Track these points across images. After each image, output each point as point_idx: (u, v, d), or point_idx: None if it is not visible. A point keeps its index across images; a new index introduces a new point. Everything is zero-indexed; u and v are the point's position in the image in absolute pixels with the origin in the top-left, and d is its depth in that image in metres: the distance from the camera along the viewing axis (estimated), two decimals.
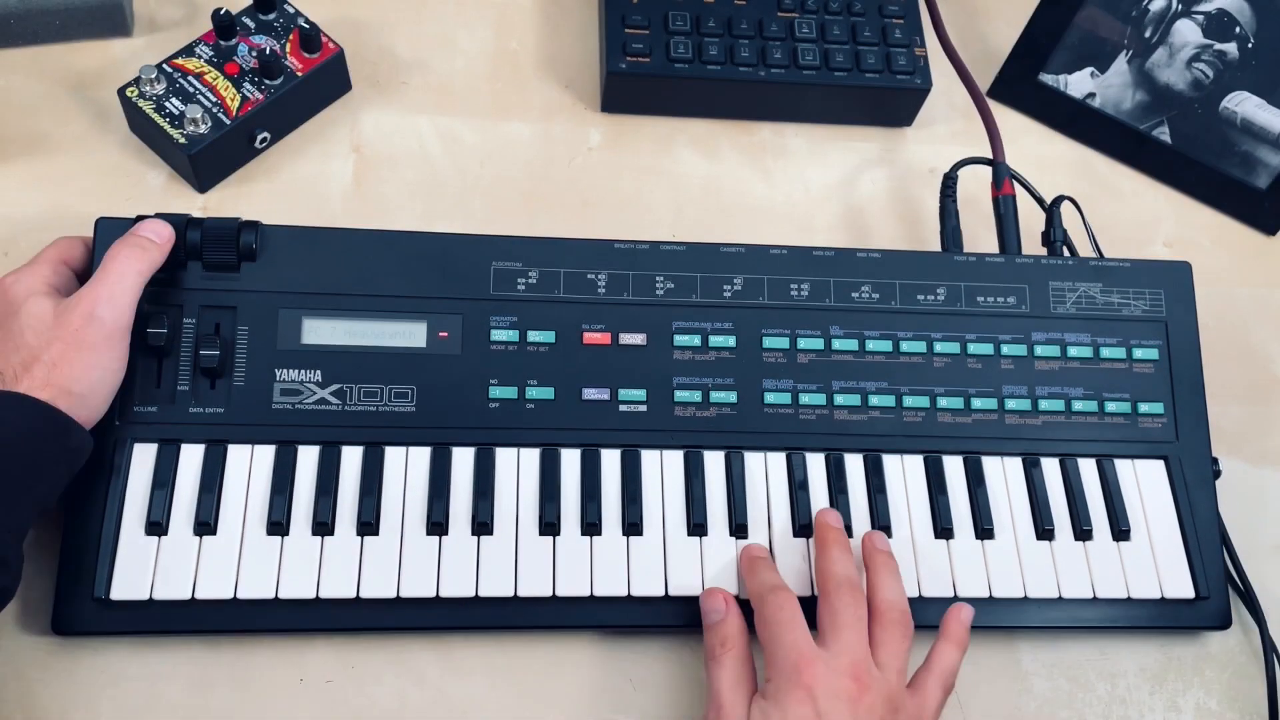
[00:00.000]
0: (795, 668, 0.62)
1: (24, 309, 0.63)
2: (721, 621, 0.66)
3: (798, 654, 0.62)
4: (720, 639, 0.65)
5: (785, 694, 0.61)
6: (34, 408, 0.60)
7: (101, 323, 0.63)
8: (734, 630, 0.66)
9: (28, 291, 0.64)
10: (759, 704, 0.62)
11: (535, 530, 0.69)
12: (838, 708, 0.60)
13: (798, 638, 0.63)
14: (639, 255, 0.75)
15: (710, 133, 0.90)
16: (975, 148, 0.87)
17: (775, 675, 0.62)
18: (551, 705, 0.68)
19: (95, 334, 0.63)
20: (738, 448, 0.72)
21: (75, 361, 0.62)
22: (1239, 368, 0.86)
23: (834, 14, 0.90)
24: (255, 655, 0.67)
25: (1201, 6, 0.87)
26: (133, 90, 0.78)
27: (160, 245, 0.68)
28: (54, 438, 0.61)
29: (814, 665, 0.62)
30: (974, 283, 0.77)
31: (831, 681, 0.61)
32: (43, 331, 0.63)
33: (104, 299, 0.64)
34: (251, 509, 0.67)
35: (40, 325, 0.63)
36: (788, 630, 0.63)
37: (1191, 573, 0.73)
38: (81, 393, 0.62)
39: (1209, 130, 0.91)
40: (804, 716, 0.60)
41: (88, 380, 0.63)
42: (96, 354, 0.63)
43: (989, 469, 0.74)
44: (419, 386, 0.71)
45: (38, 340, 0.62)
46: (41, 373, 0.61)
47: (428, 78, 0.88)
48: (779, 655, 0.63)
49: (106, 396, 0.65)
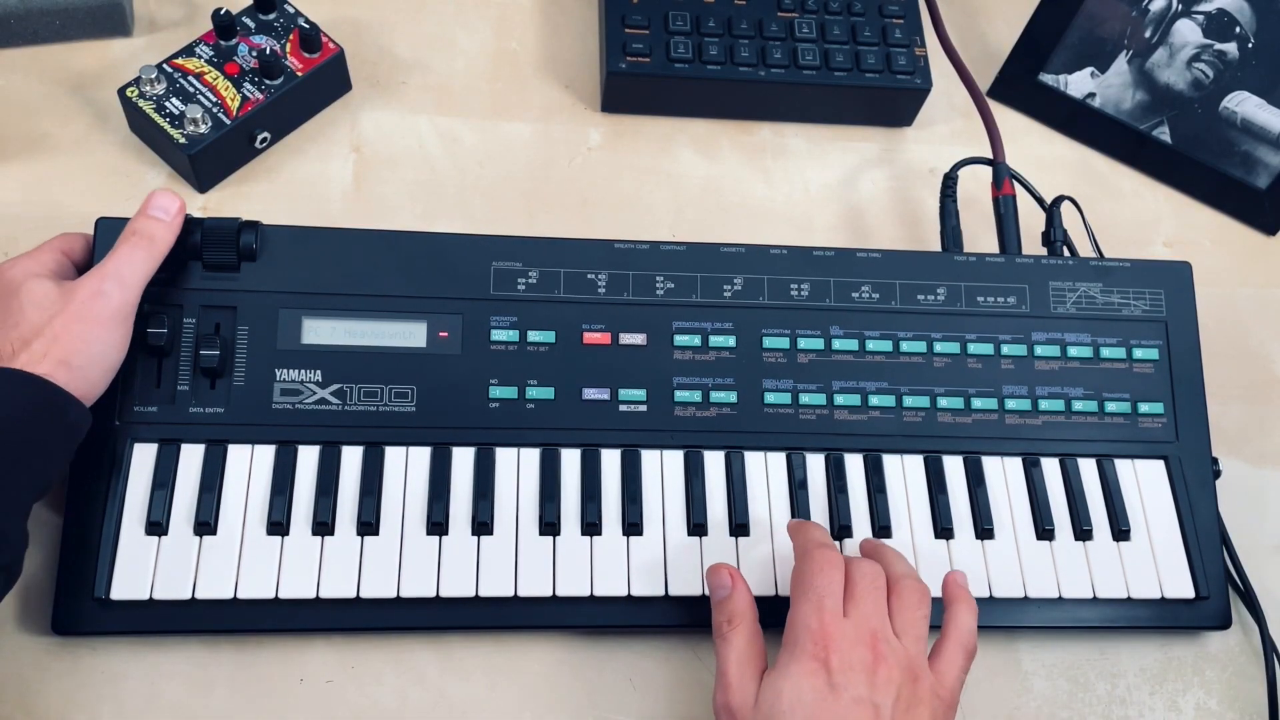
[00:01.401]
0: (813, 637, 0.60)
1: (24, 288, 0.63)
2: (728, 597, 0.64)
3: (819, 622, 0.60)
4: (727, 615, 0.64)
5: (798, 664, 0.59)
6: (30, 383, 0.60)
7: (108, 298, 0.64)
8: (741, 606, 0.64)
9: (26, 274, 0.64)
10: (769, 680, 0.60)
11: (535, 530, 0.69)
12: (854, 678, 0.58)
13: (825, 604, 0.61)
14: (639, 255, 0.75)
15: (710, 133, 0.90)
16: (975, 148, 0.87)
17: (790, 642, 0.61)
18: (551, 705, 0.68)
19: (101, 308, 0.63)
20: (738, 448, 0.72)
21: (77, 334, 0.62)
22: (1239, 368, 0.86)
23: (834, 14, 0.90)
24: (255, 655, 0.67)
25: (1201, 6, 0.87)
26: (133, 90, 0.78)
27: (169, 224, 0.67)
28: (51, 413, 0.60)
29: (832, 635, 0.59)
30: (974, 283, 0.77)
31: (847, 651, 0.59)
32: (46, 306, 0.62)
33: (112, 276, 0.64)
34: (251, 509, 0.67)
35: (45, 300, 0.63)
36: (820, 594, 0.61)
37: (1191, 573, 0.73)
38: (81, 365, 0.62)
39: (1209, 130, 0.91)
40: (817, 689, 0.58)
41: (88, 353, 0.62)
42: (100, 328, 0.63)
43: (989, 469, 0.74)
44: (419, 386, 0.71)
45: (40, 315, 0.62)
46: (41, 346, 0.61)
47: (427, 78, 0.88)
48: (799, 619, 0.61)
49: (106, 373, 0.64)
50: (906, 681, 0.60)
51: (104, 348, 0.63)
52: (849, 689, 0.58)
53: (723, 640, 0.63)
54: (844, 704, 0.58)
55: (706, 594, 0.68)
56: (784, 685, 0.59)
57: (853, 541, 0.71)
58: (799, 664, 0.59)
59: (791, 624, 0.61)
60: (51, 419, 0.61)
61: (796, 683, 0.59)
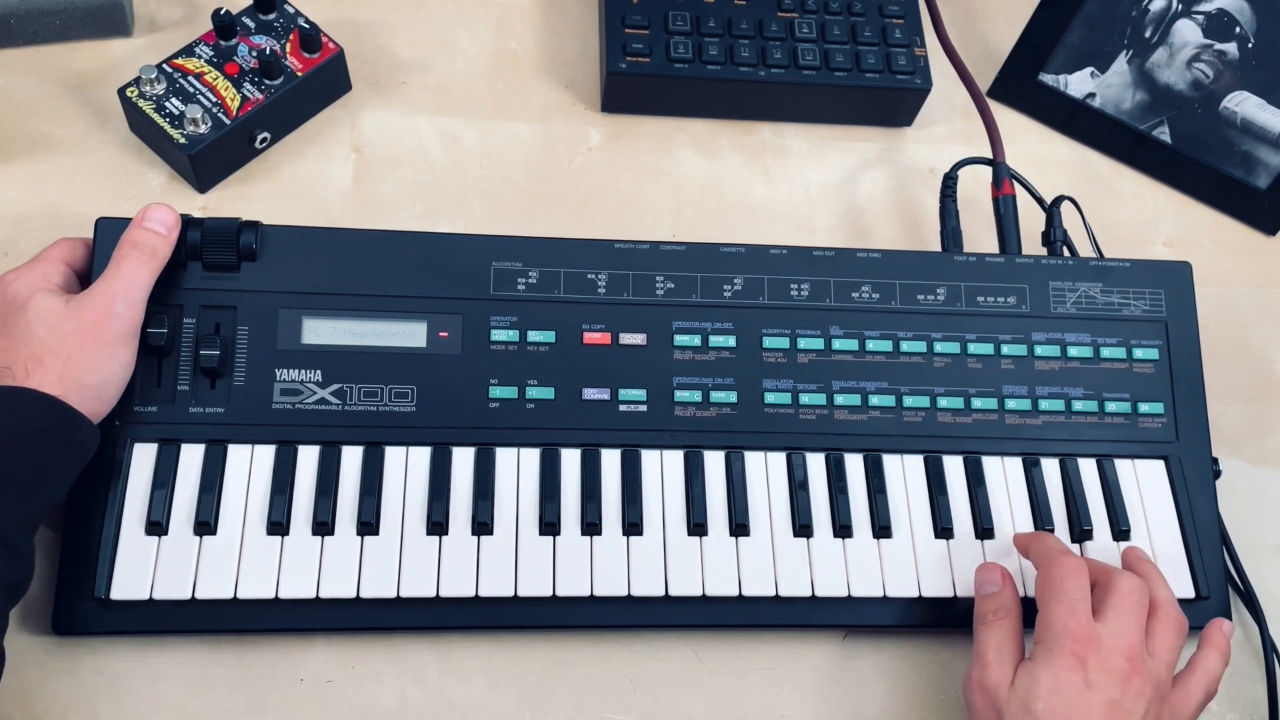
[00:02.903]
0: (1072, 636, 0.62)
1: (31, 304, 0.63)
2: (998, 593, 0.67)
3: (1076, 624, 0.63)
4: (994, 607, 0.67)
5: (1057, 657, 0.62)
6: (44, 403, 0.60)
7: (120, 319, 0.64)
8: (1009, 602, 0.67)
9: (31, 288, 0.64)
10: (1027, 667, 0.63)
11: (535, 530, 0.69)
12: (1109, 681, 0.61)
13: (1077, 608, 0.63)
14: (639, 255, 0.75)
15: (710, 133, 0.90)
16: (975, 148, 0.87)
17: (1047, 639, 0.63)
18: (551, 705, 0.68)
19: (114, 330, 0.64)
20: (738, 448, 0.72)
21: (92, 356, 0.63)
22: (1239, 368, 0.86)
23: (834, 14, 0.90)
24: (255, 655, 0.67)
25: (1201, 6, 0.87)
26: (133, 90, 0.78)
27: (167, 238, 0.68)
28: (63, 432, 0.61)
29: (1090, 638, 0.62)
30: (974, 283, 0.77)
31: (1105, 657, 0.62)
32: (56, 325, 0.63)
33: (121, 295, 0.65)
34: (251, 509, 0.67)
35: (53, 319, 0.63)
36: (1073, 597, 0.64)
37: (1191, 573, 0.73)
38: (96, 385, 0.63)
39: (1209, 130, 0.91)
40: (1074, 683, 0.61)
41: (102, 374, 0.63)
42: (114, 349, 0.64)
43: (989, 469, 0.74)
44: (419, 386, 0.71)
45: (49, 334, 0.62)
46: (57, 367, 0.61)
47: (427, 78, 0.88)
48: (1056, 619, 0.63)
49: (117, 391, 0.65)
50: (1155, 700, 0.62)
51: (117, 367, 0.64)
52: (1105, 690, 0.61)
53: (986, 627, 0.66)
54: (1098, 703, 0.61)
55: (706, 594, 0.68)
56: (1043, 674, 0.62)
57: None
58: (1059, 658, 0.62)
59: (1046, 624, 0.64)
60: (62, 438, 0.61)
61: (1056, 674, 0.61)
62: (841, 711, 0.70)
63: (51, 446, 0.61)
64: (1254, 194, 0.91)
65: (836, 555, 0.71)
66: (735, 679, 0.70)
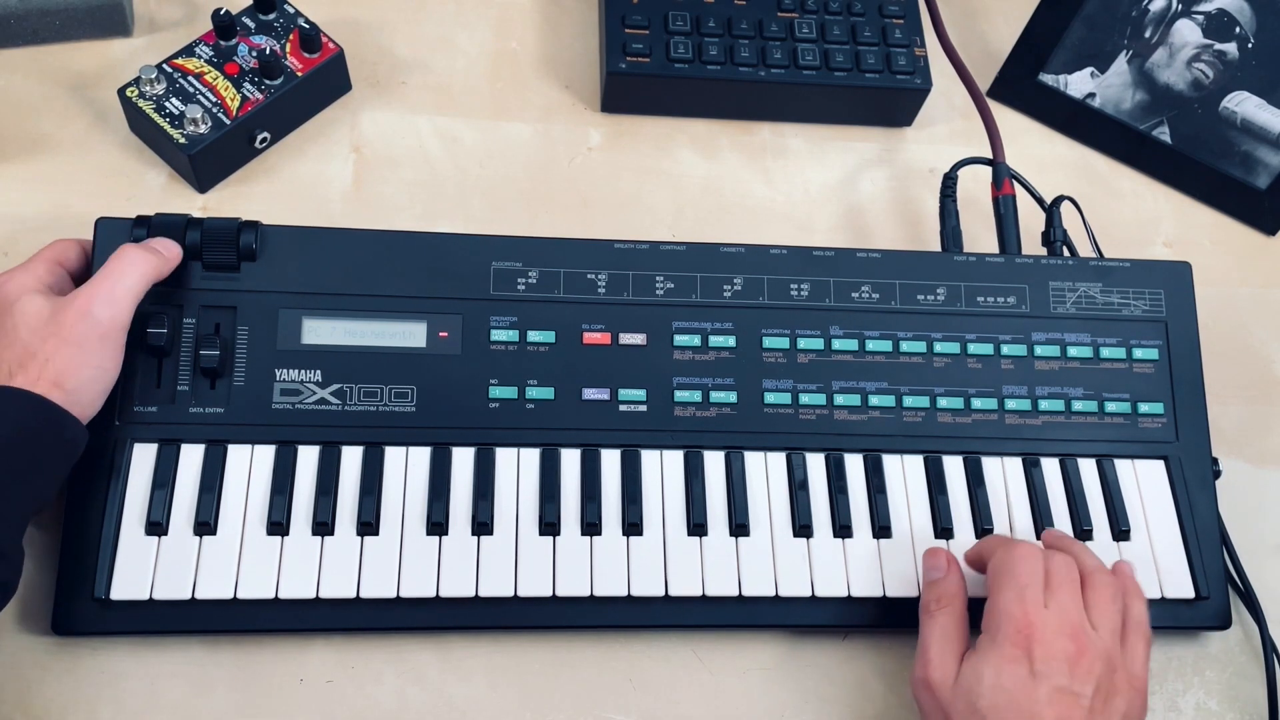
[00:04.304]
0: (1015, 624, 0.61)
1: (17, 306, 0.63)
2: (942, 579, 0.67)
3: (1022, 611, 0.62)
4: (937, 595, 0.66)
5: (1000, 649, 0.61)
6: (30, 401, 0.60)
7: (96, 321, 0.63)
8: (953, 589, 0.66)
9: (20, 289, 0.64)
10: (971, 662, 0.62)
11: (535, 530, 0.69)
12: (1055, 668, 0.60)
13: (1026, 593, 0.62)
14: (639, 255, 0.75)
15: (710, 133, 0.90)
16: (975, 148, 0.87)
17: (991, 627, 0.62)
18: (551, 705, 0.68)
19: (88, 331, 0.63)
20: (738, 448, 0.72)
21: (66, 358, 0.62)
22: (1239, 368, 0.86)
23: (834, 14, 0.90)
24: (255, 655, 0.67)
25: (1201, 6, 0.87)
26: (133, 90, 0.78)
27: (164, 255, 0.68)
28: (50, 431, 0.61)
29: (1035, 622, 0.61)
30: (974, 283, 0.77)
31: (1050, 641, 0.61)
32: (38, 328, 0.62)
33: (101, 297, 0.64)
34: (251, 509, 0.67)
35: (36, 321, 0.63)
36: (1022, 583, 0.63)
37: (1191, 573, 0.73)
38: (73, 388, 0.62)
39: (1209, 130, 0.91)
40: (1019, 675, 0.60)
41: (78, 377, 0.62)
42: (87, 352, 0.63)
43: (989, 469, 0.74)
44: (419, 386, 0.71)
45: (32, 336, 0.62)
46: (36, 368, 0.61)
47: (427, 78, 0.88)
48: (1002, 604, 0.62)
49: (98, 395, 0.64)
50: (1105, 672, 0.61)
51: (94, 371, 0.63)
52: (1051, 678, 0.60)
53: (929, 617, 0.65)
54: (1044, 692, 0.60)
55: (705, 594, 0.68)
56: (985, 669, 0.61)
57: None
58: (1001, 650, 0.61)
59: (993, 611, 0.63)
60: (49, 437, 0.61)
61: (998, 668, 0.60)
62: (841, 711, 0.70)
63: (37, 445, 0.60)
64: (1254, 194, 0.91)
65: (836, 555, 0.71)
66: (735, 679, 0.70)
